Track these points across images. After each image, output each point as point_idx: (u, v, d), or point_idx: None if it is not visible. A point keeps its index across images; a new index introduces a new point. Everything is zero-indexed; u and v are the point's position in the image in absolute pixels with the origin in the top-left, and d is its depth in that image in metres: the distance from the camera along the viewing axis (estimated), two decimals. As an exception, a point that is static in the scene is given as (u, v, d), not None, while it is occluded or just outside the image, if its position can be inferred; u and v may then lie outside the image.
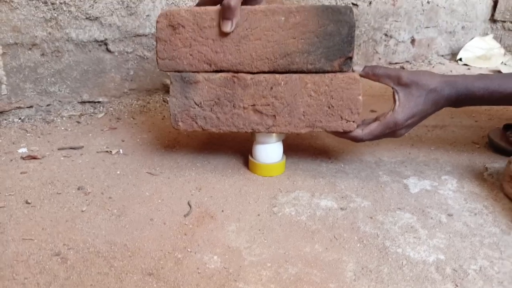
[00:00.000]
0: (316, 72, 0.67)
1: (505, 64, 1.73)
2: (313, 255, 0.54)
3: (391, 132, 0.69)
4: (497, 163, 0.79)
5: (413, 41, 1.73)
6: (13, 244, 0.55)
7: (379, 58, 1.66)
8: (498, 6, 1.93)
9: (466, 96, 0.68)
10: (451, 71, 1.64)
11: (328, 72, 0.67)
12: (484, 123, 1.04)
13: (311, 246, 0.56)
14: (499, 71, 1.60)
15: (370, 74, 0.70)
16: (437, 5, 1.74)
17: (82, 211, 0.63)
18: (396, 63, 1.71)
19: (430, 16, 1.74)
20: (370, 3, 1.53)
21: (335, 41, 0.66)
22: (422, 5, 1.69)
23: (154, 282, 0.49)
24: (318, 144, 0.89)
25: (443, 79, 0.68)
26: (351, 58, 0.67)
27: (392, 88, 0.69)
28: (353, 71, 0.69)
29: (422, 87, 0.67)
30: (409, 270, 0.52)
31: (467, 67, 1.72)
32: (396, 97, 0.68)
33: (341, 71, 0.67)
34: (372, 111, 1.10)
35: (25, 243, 0.56)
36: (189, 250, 0.55)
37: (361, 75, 0.69)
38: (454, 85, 0.68)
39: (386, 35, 1.63)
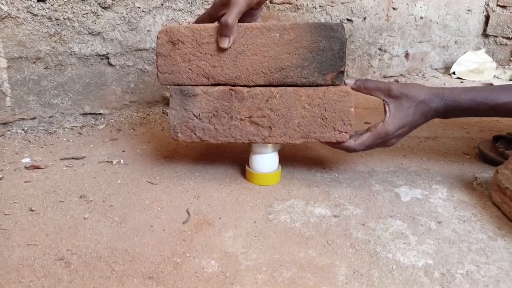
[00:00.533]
0: (309, 86, 0.70)
1: (497, 77, 1.77)
2: (307, 260, 0.57)
3: (382, 142, 0.72)
4: (487, 173, 0.81)
5: (407, 55, 1.77)
6: (19, 249, 0.57)
7: (374, 72, 1.69)
8: (490, 21, 1.98)
9: (454, 107, 0.71)
10: (444, 84, 1.67)
11: (321, 85, 0.70)
12: (475, 134, 1.07)
13: (305, 251, 0.58)
14: (491, 84, 1.64)
15: (362, 87, 0.73)
16: (430, 21, 1.78)
17: (85, 218, 0.65)
18: (390, 76, 1.75)
19: (423, 31, 1.78)
20: (365, 18, 1.57)
21: (328, 56, 0.69)
22: (416, 20, 1.73)
23: (154, 285, 0.51)
24: (313, 155, 0.92)
25: (432, 92, 0.71)
26: (343, 72, 0.70)
27: (383, 100, 0.71)
28: (345, 84, 0.72)
29: (412, 99, 0.70)
30: (399, 274, 0.54)
31: (460, 80, 1.76)
32: (387, 108, 0.71)
33: (333, 84, 0.70)
34: (367, 123, 1.13)
35: (30, 248, 0.58)
36: (187, 255, 0.57)
37: (352, 88, 0.72)
38: (442, 97, 0.71)
39: (380, 49, 1.67)
